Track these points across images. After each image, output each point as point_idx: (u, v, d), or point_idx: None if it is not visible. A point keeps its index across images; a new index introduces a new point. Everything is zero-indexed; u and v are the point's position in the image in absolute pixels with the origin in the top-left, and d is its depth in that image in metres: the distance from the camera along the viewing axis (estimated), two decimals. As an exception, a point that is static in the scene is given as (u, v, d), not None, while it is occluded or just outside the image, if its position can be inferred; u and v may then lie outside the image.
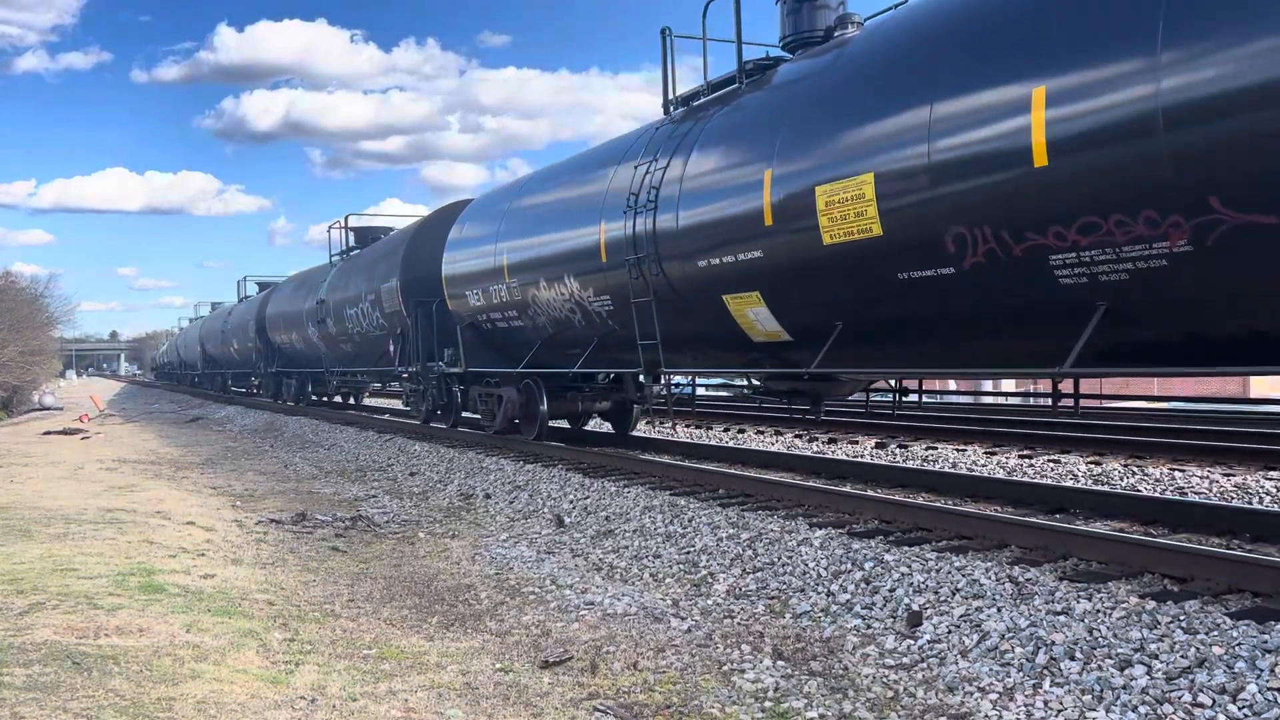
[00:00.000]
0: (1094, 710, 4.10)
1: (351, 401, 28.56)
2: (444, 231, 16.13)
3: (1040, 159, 5.97)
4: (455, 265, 15.07)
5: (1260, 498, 8.58)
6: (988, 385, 26.50)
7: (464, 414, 16.75)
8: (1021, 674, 4.53)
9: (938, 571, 6.07)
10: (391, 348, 18.11)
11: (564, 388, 13.93)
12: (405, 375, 18.01)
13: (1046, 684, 4.40)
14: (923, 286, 7.05)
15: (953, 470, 10.75)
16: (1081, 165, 5.81)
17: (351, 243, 23.80)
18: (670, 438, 15.21)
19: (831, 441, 13.87)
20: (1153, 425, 13.71)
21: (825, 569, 6.52)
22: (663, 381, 11.71)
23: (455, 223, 15.74)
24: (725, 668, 4.97)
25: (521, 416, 14.08)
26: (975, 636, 5.02)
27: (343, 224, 24.16)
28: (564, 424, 15.38)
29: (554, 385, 13.75)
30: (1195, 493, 8.99)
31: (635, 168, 10.19)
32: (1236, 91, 5.08)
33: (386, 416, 22.37)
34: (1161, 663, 4.39)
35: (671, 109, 10.63)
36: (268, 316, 29.36)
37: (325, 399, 28.78)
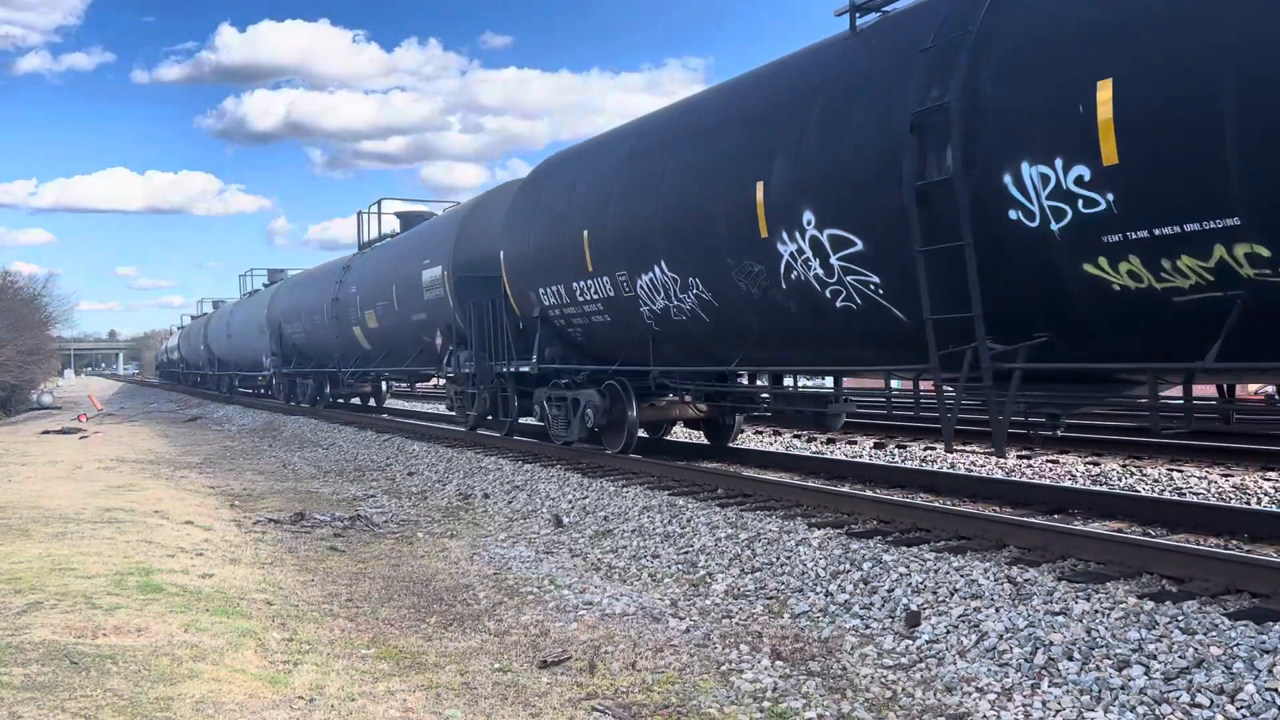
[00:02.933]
0: (1092, 710, 4.10)
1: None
2: None
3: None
4: None
5: (1258, 498, 8.58)
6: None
7: None
8: (1020, 674, 4.53)
9: (936, 572, 6.08)
10: None
11: None
12: None
13: (1045, 684, 4.40)
14: None
15: (951, 470, 10.74)
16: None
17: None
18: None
19: (830, 442, 13.87)
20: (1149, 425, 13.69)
21: (824, 569, 6.52)
22: None
23: None
24: (724, 668, 4.97)
25: None
26: (973, 637, 5.03)
27: None
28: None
29: None
30: (1193, 493, 8.99)
31: None
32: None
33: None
34: (1160, 663, 4.39)
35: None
36: (507, 263, 12.91)
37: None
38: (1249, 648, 4.40)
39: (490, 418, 14.90)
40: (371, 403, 26.46)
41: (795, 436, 14.84)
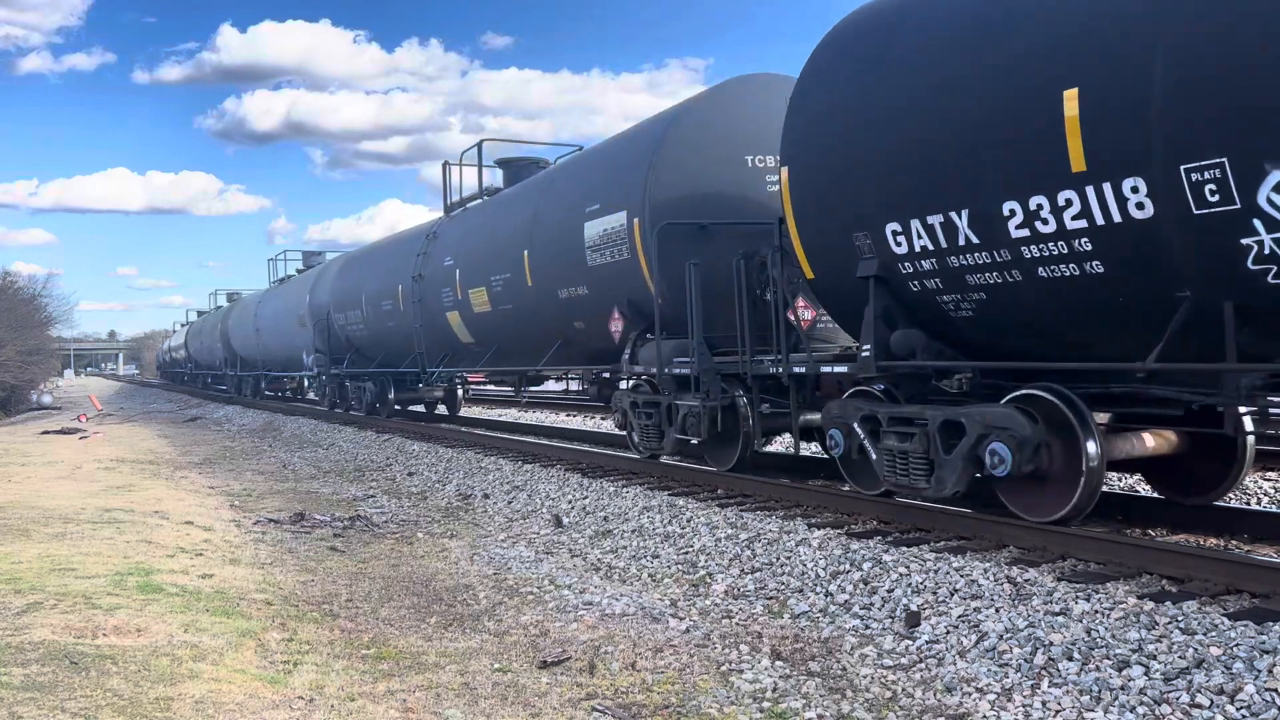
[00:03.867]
0: (1092, 711, 4.10)
1: None
2: None
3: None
4: None
5: (1258, 498, 8.58)
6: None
7: None
8: (1019, 674, 4.53)
9: (936, 572, 6.08)
10: None
11: None
12: None
13: (1044, 684, 4.40)
14: None
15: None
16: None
17: None
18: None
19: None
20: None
21: (824, 569, 6.52)
22: None
23: None
24: (723, 668, 4.97)
25: None
26: (973, 637, 5.03)
27: None
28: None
29: None
30: (1193, 493, 8.98)
31: None
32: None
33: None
34: (1159, 663, 4.39)
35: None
36: (799, 188, 7.62)
37: None
38: (1249, 648, 4.40)
39: (697, 440, 9.81)
40: (441, 410, 21.39)
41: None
